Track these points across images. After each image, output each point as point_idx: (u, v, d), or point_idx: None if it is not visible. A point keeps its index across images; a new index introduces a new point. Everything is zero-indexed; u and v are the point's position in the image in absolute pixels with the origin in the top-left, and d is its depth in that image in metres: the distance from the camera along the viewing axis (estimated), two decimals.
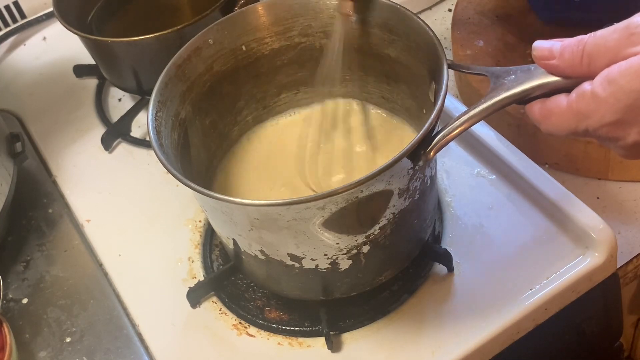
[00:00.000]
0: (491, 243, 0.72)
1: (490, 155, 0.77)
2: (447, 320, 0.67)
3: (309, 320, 0.69)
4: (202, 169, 0.72)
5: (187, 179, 0.58)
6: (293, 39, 0.73)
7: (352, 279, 0.65)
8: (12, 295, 0.78)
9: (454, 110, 0.78)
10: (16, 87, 1.05)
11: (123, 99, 0.99)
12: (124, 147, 0.92)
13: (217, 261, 0.76)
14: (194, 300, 0.72)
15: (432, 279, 0.70)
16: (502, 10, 0.93)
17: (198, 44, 0.70)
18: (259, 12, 0.72)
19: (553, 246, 0.70)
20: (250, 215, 0.59)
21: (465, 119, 0.57)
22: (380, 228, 0.61)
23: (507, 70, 0.57)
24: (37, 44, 1.13)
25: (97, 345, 0.72)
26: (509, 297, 0.67)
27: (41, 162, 0.92)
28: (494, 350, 0.66)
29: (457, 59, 0.90)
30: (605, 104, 0.49)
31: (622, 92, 0.48)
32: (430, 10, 1.05)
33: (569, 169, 0.79)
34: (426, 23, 0.64)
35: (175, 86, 0.68)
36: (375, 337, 0.67)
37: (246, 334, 0.70)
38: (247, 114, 0.76)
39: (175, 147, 0.65)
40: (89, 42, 0.90)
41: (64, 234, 0.83)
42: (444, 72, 0.59)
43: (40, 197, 0.87)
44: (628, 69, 0.48)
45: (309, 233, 0.59)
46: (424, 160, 0.59)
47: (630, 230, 0.74)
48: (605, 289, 0.71)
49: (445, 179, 0.78)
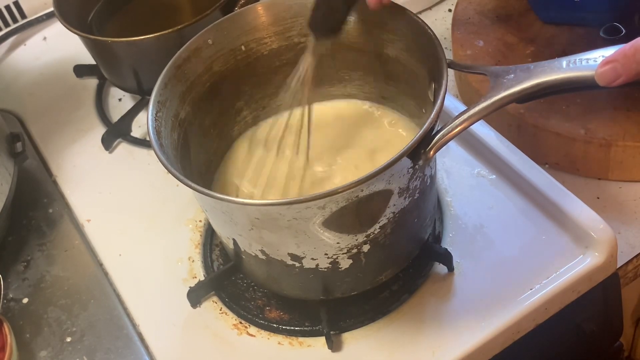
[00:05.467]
0: (491, 243, 0.72)
1: (491, 155, 0.77)
2: (447, 320, 0.67)
3: (310, 320, 0.69)
4: (202, 169, 0.72)
5: (187, 178, 0.58)
6: (292, 39, 0.73)
7: (352, 279, 0.65)
8: (12, 295, 0.78)
9: (454, 109, 0.78)
10: (16, 87, 1.05)
11: (123, 99, 0.99)
12: (124, 147, 0.92)
13: (217, 261, 0.76)
14: (194, 300, 0.72)
15: (433, 278, 0.70)
16: (502, 10, 0.93)
17: (198, 44, 0.70)
18: (259, 12, 0.72)
19: (553, 246, 0.70)
20: (251, 214, 0.59)
21: (465, 118, 0.57)
22: (381, 227, 0.61)
23: (507, 70, 0.58)
24: (38, 44, 1.13)
25: (97, 345, 0.72)
26: (509, 297, 0.67)
27: (41, 162, 0.92)
28: (494, 350, 0.66)
29: (457, 59, 0.90)
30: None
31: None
32: (430, 10, 1.05)
33: (569, 169, 0.79)
34: (426, 23, 0.64)
35: (175, 86, 0.68)
36: (375, 337, 0.67)
37: (246, 334, 0.70)
38: (247, 114, 0.76)
39: (175, 147, 0.65)
40: (89, 42, 0.90)
41: (64, 234, 0.83)
42: (443, 71, 0.59)
43: (41, 197, 0.87)
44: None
45: (310, 232, 0.59)
46: (424, 159, 0.59)
47: (630, 230, 0.74)
48: (605, 289, 0.71)
49: (446, 178, 0.78)
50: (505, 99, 0.57)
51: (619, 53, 0.53)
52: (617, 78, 0.53)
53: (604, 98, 0.79)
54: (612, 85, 0.54)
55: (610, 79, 0.54)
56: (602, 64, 0.54)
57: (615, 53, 0.54)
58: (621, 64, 0.53)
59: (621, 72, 0.53)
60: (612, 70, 0.53)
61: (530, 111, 0.79)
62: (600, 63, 0.54)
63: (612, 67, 0.53)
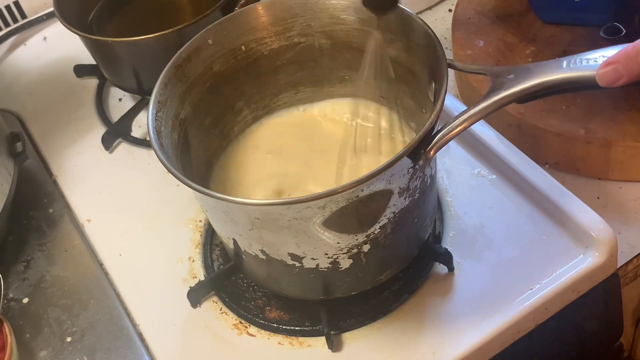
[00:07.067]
0: (491, 243, 0.72)
1: (491, 155, 0.77)
2: (447, 320, 0.67)
3: (310, 320, 0.69)
4: (202, 169, 0.72)
5: (187, 178, 0.58)
6: (292, 39, 0.73)
7: (352, 279, 0.65)
8: (12, 295, 0.78)
9: (454, 109, 0.78)
10: (17, 87, 1.05)
11: (123, 98, 0.99)
12: (124, 147, 0.92)
13: (217, 261, 0.76)
14: (194, 299, 0.72)
15: (433, 278, 0.70)
16: (502, 10, 0.93)
17: (198, 44, 0.70)
18: (259, 12, 0.72)
19: (553, 246, 0.70)
20: (251, 214, 0.59)
21: (465, 118, 0.57)
22: (381, 227, 0.61)
23: (507, 70, 0.58)
24: (38, 44, 1.13)
25: (97, 344, 0.72)
26: (509, 297, 0.67)
27: (41, 162, 0.92)
28: (494, 350, 0.66)
29: (457, 59, 0.90)
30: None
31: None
32: (430, 10, 1.05)
33: (569, 169, 0.79)
34: (426, 23, 0.64)
35: (175, 86, 0.68)
36: (375, 337, 0.67)
37: (247, 334, 0.70)
38: (247, 114, 0.76)
39: (175, 147, 0.65)
40: (90, 42, 0.90)
41: (65, 234, 0.83)
42: (444, 71, 0.59)
43: (41, 197, 0.87)
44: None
45: (310, 232, 0.59)
46: (424, 159, 0.59)
47: (630, 230, 0.74)
48: (605, 289, 0.71)
49: (446, 178, 0.78)
50: (506, 99, 0.57)
51: (620, 54, 0.53)
52: (618, 79, 0.53)
53: (604, 98, 0.79)
54: (613, 86, 0.54)
55: (612, 80, 0.54)
56: (603, 64, 0.54)
57: (617, 54, 0.53)
58: (622, 65, 0.53)
59: (622, 73, 0.53)
60: (613, 72, 0.53)
61: (530, 111, 0.79)
62: (602, 64, 0.54)
63: (614, 68, 0.53)
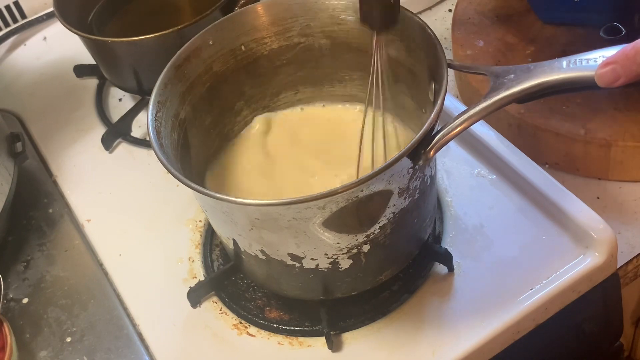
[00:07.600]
0: (491, 243, 0.72)
1: (491, 155, 0.77)
2: (447, 320, 0.67)
3: (310, 320, 0.69)
4: (202, 169, 0.72)
5: (187, 179, 0.58)
6: (292, 39, 0.73)
7: (352, 279, 0.65)
8: (12, 295, 0.78)
9: (454, 110, 0.78)
10: (16, 87, 1.05)
11: (123, 99, 0.99)
12: (124, 147, 0.92)
13: (217, 261, 0.76)
14: (194, 300, 0.72)
15: (433, 278, 0.70)
16: (502, 10, 0.93)
17: (197, 44, 0.70)
18: (259, 12, 0.72)
19: (553, 246, 0.70)
20: (251, 215, 0.59)
21: (465, 118, 0.57)
22: (381, 227, 0.61)
23: (507, 70, 0.58)
24: (38, 44, 1.13)
25: (97, 345, 0.72)
26: (509, 297, 0.67)
27: (41, 162, 0.92)
28: (494, 350, 0.66)
29: (457, 59, 0.90)
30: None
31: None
32: (430, 10, 1.05)
33: (569, 169, 0.79)
34: (426, 23, 0.64)
35: (175, 87, 0.68)
36: (375, 337, 0.67)
37: (246, 334, 0.70)
38: (247, 114, 0.76)
39: (175, 147, 0.65)
40: (90, 42, 0.90)
41: (65, 234, 0.83)
42: (444, 72, 0.59)
43: (41, 197, 0.87)
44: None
45: (310, 232, 0.59)
46: (424, 159, 0.59)
47: (630, 230, 0.74)
48: (605, 289, 0.71)
49: (446, 179, 0.78)
50: (506, 99, 0.57)
51: (619, 54, 0.53)
52: (617, 79, 0.53)
53: (604, 98, 0.79)
54: (612, 86, 0.54)
55: (610, 80, 0.54)
56: (602, 65, 0.54)
57: (616, 54, 0.54)
58: (621, 65, 0.53)
59: (621, 73, 0.53)
60: (612, 72, 0.53)
61: (530, 111, 0.79)
62: (601, 64, 0.54)
63: (612, 69, 0.53)
